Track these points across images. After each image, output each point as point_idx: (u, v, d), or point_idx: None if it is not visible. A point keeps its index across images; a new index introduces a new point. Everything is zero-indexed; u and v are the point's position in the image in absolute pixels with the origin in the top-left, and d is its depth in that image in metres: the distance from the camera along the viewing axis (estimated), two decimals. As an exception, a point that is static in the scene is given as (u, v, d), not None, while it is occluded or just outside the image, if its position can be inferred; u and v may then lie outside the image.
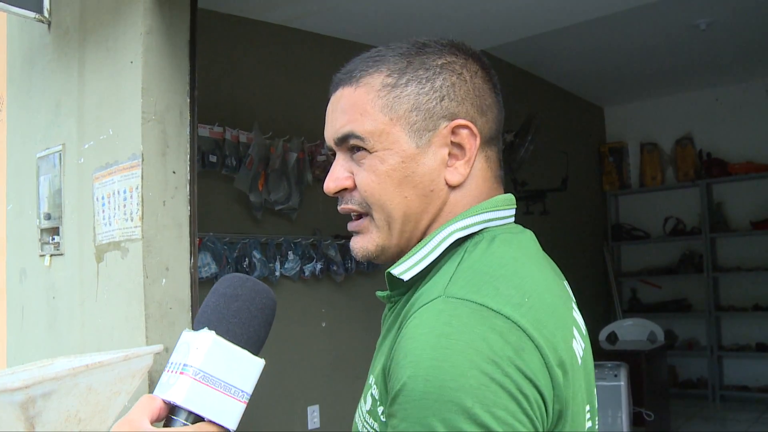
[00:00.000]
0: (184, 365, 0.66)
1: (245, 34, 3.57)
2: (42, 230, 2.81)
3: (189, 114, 2.45)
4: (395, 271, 0.78)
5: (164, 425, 0.67)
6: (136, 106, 2.32)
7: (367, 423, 0.75)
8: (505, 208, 0.82)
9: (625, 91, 6.04)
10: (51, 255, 2.76)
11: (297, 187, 3.56)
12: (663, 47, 4.72)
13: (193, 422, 0.66)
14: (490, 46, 4.36)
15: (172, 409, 0.66)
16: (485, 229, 0.79)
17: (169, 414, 0.66)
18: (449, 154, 0.80)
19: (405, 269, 0.78)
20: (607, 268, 6.25)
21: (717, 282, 5.93)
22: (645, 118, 6.32)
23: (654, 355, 4.29)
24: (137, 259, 2.29)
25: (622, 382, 3.64)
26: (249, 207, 3.42)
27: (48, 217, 2.78)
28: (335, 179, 0.82)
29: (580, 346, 0.76)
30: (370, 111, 0.79)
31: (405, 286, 0.79)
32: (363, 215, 0.82)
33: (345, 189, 0.82)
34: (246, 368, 0.69)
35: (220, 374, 0.66)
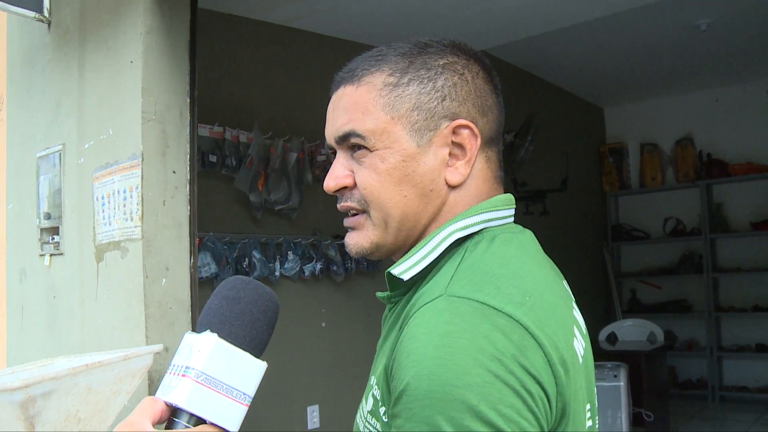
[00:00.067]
0: (186, 367, 0.66)
1: (245, 34, 3.57)
2: (42, 230, 2.81)
3: (189, 114, 2.45)
4: (395, 271, 0.78)
5: (166, 427, 0.67)
6: (136, 105, 2.32)
7: (368, 423, 0.75)
8: (504, 208, 0.82)
9: (625, 92, 6.04)
10: (51, 255, 2.76)
11: (297, 187, 3.56)
12: (663, 47, 4.72)
13: (195, 424, 0.66)
14: (491, 47, 4.36)
15: (174, 412, 0.66)
16: (485, 229, 0.79)
17: (171, 416, 0.66)
18: (450, 154, 0.80)
19: (405, 269, 0.77)
20: (607, 269, 6.25)
21: (717, 283, 5.93)
22: (645, 119, 6.32)
23: (654, 355, 4.29)
24: (137, 259, 2.29)
25: (622, 383, 3.64)
26: (249, 207, 3.42)
27: (48, 216, 2.77)
28: (335, 177, 0.82)
29: (580, 345, 0.76)
30: (372, 110, 0.79)
31: (405, 287, 0.79)
32: (360, 212, 0.82)
33: (345, 187, 0.82)
34: (248, 371, 0.68)
35: (222, 377, 0.66)
